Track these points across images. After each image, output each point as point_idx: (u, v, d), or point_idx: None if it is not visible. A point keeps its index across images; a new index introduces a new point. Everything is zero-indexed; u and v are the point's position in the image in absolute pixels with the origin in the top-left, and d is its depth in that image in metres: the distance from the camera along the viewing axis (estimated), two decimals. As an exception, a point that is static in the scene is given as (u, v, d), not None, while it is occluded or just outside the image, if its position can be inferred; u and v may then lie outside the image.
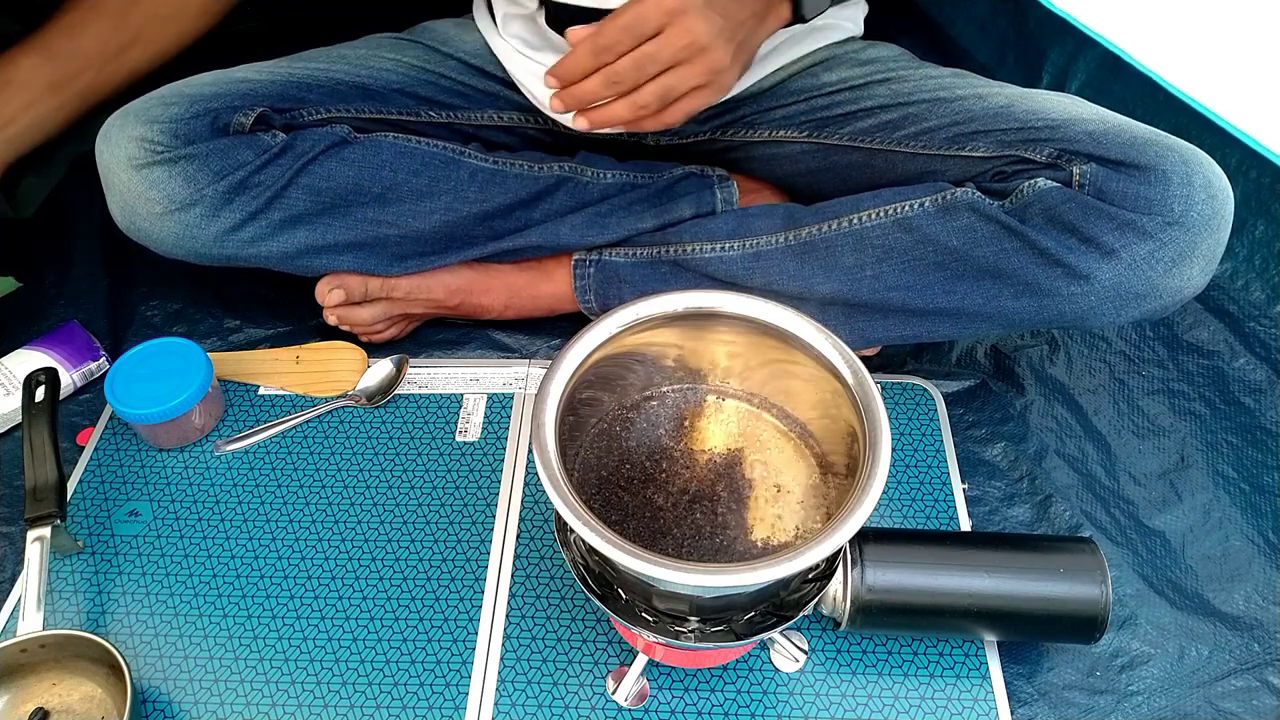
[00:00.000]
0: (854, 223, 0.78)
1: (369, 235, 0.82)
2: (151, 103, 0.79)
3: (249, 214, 0.78)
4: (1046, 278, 0.71)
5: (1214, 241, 0.69)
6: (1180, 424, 0.85)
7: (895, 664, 0.69)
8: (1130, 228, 0.68)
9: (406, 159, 0.82)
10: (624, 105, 0.69)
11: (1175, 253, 0.68)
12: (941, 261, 0.74)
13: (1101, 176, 0.69)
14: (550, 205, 0.86)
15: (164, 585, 0.74)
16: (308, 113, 0.83)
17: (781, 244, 0.80)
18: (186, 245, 0.80)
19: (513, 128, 0.90)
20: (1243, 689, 0.69)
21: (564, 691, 0.68)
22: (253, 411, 0.85)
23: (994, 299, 0.74)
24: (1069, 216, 0.69)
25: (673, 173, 0.89)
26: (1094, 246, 0.69)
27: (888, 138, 0.81)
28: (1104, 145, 0.70)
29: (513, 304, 0.89)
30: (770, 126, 0.87)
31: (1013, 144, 0.75)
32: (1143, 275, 0.69)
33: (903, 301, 0.76)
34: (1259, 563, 0.75)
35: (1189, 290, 0.70)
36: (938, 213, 0.74)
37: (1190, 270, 0.69)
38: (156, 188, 0.77)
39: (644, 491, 0.59)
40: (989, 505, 0.79)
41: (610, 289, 0.86)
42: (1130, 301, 0.70)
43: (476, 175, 0.83)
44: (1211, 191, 0.68)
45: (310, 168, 0.79)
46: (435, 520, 0.78)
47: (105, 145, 0.79)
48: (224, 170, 0.77)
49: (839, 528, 0.49)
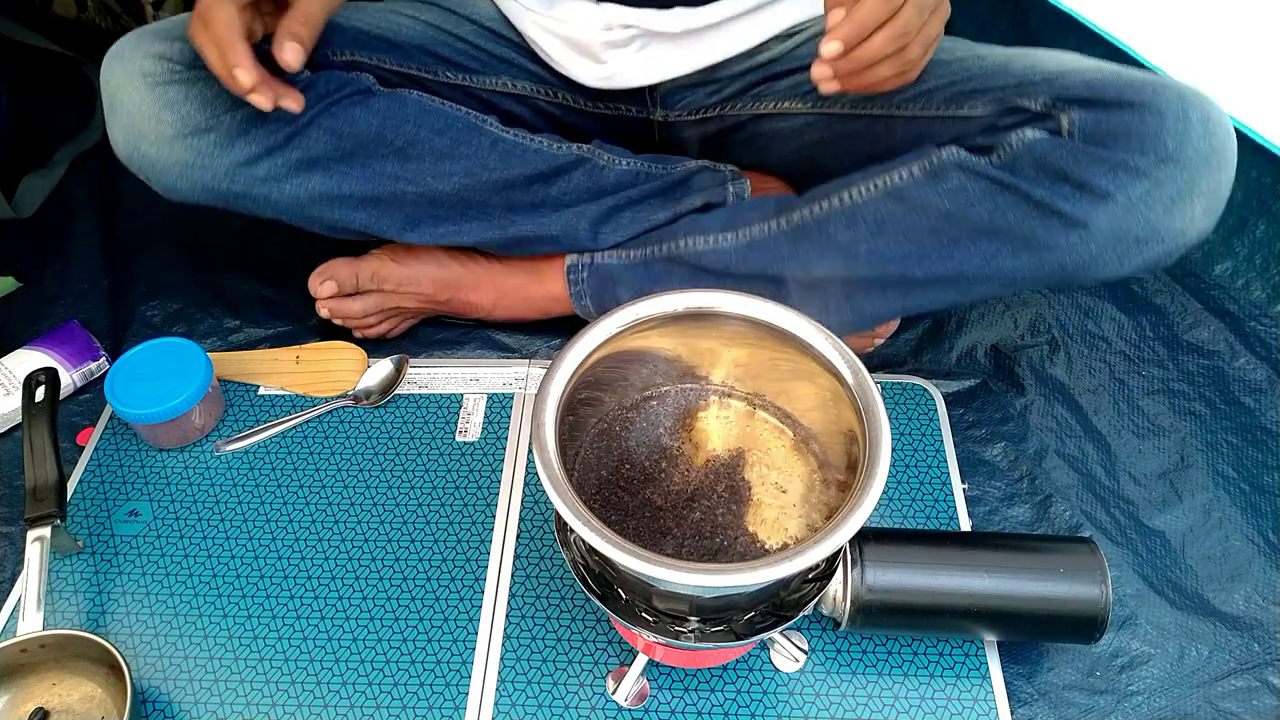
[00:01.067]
0: (844, 200, 0.77)
1: (386, 190, 0.81)
2: (174, 22, 0.77)
3: (266, 148, 0.76)
4: (1043, 229, 0.69)
5: (1215, 180, 0.67)
6: (1180, 424, 0.85)
7: (895, 664, 0.69)
8: (1123, 168, 0.66)
9: (431, 117, 0.81)
10: (891, 64, 0.63)
11: (1173, 191, 0.66)
12: (936, 227, 0.73)
13: (1091, 121, 0.68)
14: (567, 184, 0.85)
15: (164, 585, 0.74)
16: (333, 52, 0.82)
17: (774, 230, 0.80)
18: (194, 176, 0.76)
19: (525, 97, 0.90)
20: (1243, 689, 0.69)
21: (564, 691, 0.68)
22: (253, 411, 0.85)
23: (992, 259, 0.72)
24: (1060, 163, 0.68)
25: (686, 166, 0.89)
26: (1088, 191, 0.67)
27: (887, 101, 0.80)
28: (1099, 90, 0.69)
29: (501, 304, 0.89)
30: (776, 98, 0.87)
31: (1009, 99, 0.73)
32: (1141, 217, 0.67)
33: (901, 273, 0.75)
34: (1259, 563, 0.75)
35: (1192, 232, 0.68)
36: (926, 178, 0.74)
37: (1191, 210, 0.67)
38: (170, 108, 0.74)
39: (644, 491, 0.59)
40: (989, 505, 0.79)
41: (605, 290, 0.86)
42: (1131, 246, 0.68)
43: (498, 144, 0.83)
44: (1210, 127, 0.66)
45: (333, 109, 0.78)
46: (435, 520, 0.78)
47: (117, 63, 0.75)
48: None
49: (839, 528, 0.49)
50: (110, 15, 1.25)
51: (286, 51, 0.69)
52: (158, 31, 0.76)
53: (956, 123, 0.77)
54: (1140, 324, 0.92)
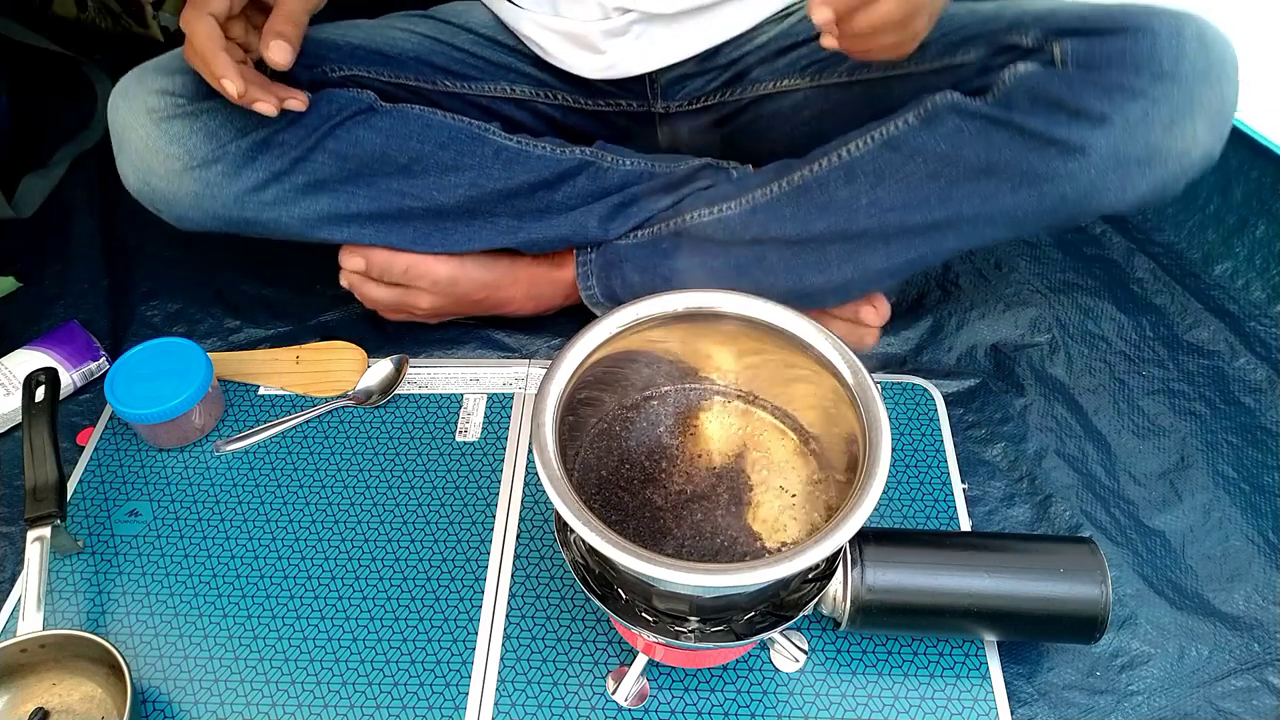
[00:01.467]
0: (842, 156, 0.77)
1: (393, 206, 0.81)
2: (174, 55, 0.78)
3: (272, 174, 0.77)
4: (1041, 160, 0.69)
5: (1215, 95, 0.66)
6: (1180, 424, 0.85)
7: (895, 664, 0.69)
8: (1118, 89, 0.66)
9: (434, 131, 0.81)
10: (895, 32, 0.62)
11: (1172, 109, 0.66)
12: (934, 171, 0.73)
13: (1085, 48, 0.68)
14: (572, 188, 0.85)
15: (164, 585, 0.74)
16: (331, 70, 0.82)
17: (776, 193, 0.80)
18: (204, 206, 0.78)
19: (524, 101, 0.90)
20: (1243, 689, 0.69)
21: (564, 691, 0.68)
22: (253, 411, 0.85)
23: (992, 198, 0.72)
24: (1054, 92, 0.68)
25: (690, 163, 0.89)
26: (1084, 116, 0.67)
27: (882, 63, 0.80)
28: (1091, 20, 0.69)
29: (532, 292, 0.89)
30: (774, 77, 0.87)
31: (1001, 40, 0.73)
32: (1140, 138, 0.66)
33: (900, 221, 0.75)
34: (1259, 563, 0.75)
35: (1196, 152, 0.67)
36: (921, 125, 0.73)
37: (1193, 128, 0.66)
38: (177, 142, 0.75)
39: (644, 491, 0.59)
40: (989, 505, 0.79)
41: (612, 272, 0.86)
42: (1133, 169, 0.67)
43: (501, 153, 0.83)
44: (1205, 41, 0.66)
45: (337, 132, 0.78)
46: (435, 520, 0.78)
47: (123, 100, 0.76)
48: (247, 126, 0.76)
49: (839, 528, 0.49)
50: (110, 15, 1.25)
51: (274, 50, 0.69)
52: (160, 66, 0.77)
53: (951, 72, 0.76)
54: (1140, 324, 0.92)
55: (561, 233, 0.86)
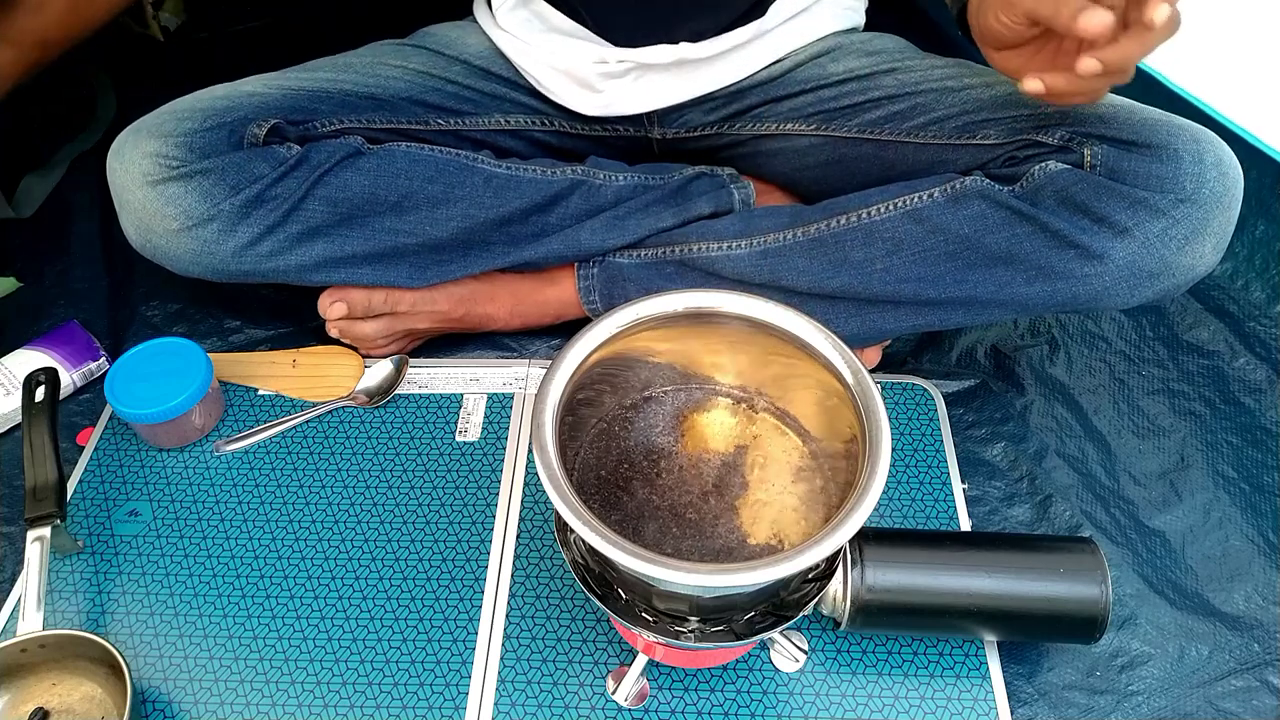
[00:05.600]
0: (863, 217, 0.78)
1: (387, 245, 0.82)
2: (164, 117, 0.78)
3: (267, 227, 0.78)
4: (1060, 260, 0.71)
5: (1225, 219, 0.69)
6: (1180, 424, 0.85)
7: (895, 664, 0.69)
8: (1143, 205, 0.68)
9: (421, 166, 0.82)
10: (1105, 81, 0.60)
11: (1188, 230, 0.68)
12: (953, 251, 0.74)
13: (1113, 156, 0.70)
14: (565, 209, 0.85)
15: (164, 585, 0.74)
16: (321, 124, 0.82)
17: (789, 240, 0.80)
18: (204, 262, 0.79)
19: (519, 131, 0.90)
20: (1243, 689, 0.69)
21: (564, 691, 0.68)
22: (253, 411, 0.85)
23: (1007, 285, 0.74)
24: (1081, 197, 0.69)
25: (684, 173, 0.89)
26: (1107, 225, 0.69)
27: (897, 128, 0.81)
28: (1114, 126, 0.70)
29: (518, 311, 0.89)
30: (778, 119, 0.87)
31: (1024, 129, 0.75)
32: (1156, 253, 0.69)
33: (914, 293, 0.76)
34: (1259, 563, 0.75)
35: (1201, 268, 0.70)
36: (948, 202, 0.74)
37: (1203, 247, 0.69)
38: (172, 204, 0.76)
39: (644, 491, 0.59)
40: (989, 505, 0.79)
41: (615, 289, 0.86)
42: (1144, 280, 0.70)
43: (491, 181, 0.83)
44: (1223, 169, 0.69)
45: (326, 179, 0.79)
46: (435, 520, 0.78)
47: (118, 163, 0.78)
48: (240, 184, 0.77)
49: (839, 528, 0.49)
50: (110, 15, 1.25)
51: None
52: (151, 130, 0.78)
53: (971, 150, 0.78)
54: (1140, 324, 0.92)
55: (557, 250, 0.86)
